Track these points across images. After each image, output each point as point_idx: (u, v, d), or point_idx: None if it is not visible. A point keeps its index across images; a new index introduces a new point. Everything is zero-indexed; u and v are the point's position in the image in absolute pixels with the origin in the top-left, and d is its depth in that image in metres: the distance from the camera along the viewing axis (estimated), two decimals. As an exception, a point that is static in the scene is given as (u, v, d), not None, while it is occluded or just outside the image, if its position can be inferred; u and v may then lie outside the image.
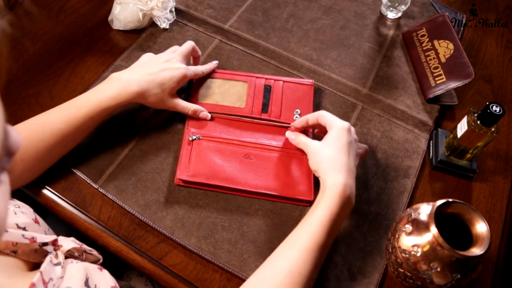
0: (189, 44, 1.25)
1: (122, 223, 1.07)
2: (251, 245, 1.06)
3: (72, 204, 1.08)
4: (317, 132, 1.19)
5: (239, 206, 1.11)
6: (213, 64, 1.31)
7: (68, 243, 0.87)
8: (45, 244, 0.82)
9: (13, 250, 0.78)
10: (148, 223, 1.06)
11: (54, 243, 0.85)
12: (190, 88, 1.28)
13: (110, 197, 1.09)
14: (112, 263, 1.04)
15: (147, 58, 1.20)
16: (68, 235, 0.93)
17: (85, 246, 0.90)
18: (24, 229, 0.82)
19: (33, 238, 0.80)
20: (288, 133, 1.18)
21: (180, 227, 1.06)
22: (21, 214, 0.86)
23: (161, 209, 1.09)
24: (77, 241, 0.90)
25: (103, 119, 1.12)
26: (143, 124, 1.21)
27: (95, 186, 1.11)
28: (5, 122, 0.42)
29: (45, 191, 1.09)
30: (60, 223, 1.13)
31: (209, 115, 1.22)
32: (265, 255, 1.03)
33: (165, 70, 1.15)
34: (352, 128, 1.10)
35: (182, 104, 1.20)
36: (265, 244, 1.06)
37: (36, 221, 0.88)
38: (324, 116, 1.12)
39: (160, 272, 1.03)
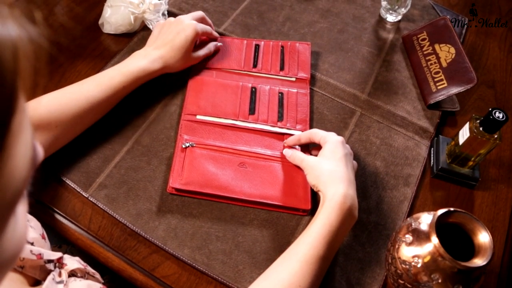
0: (199, 12, 1.37)
1: (113, 233, 1.07)
2: (246, 255, 1.07)
3: (62, 214, 1.09)
4: (313, 150, 1.20)
5: (233, 216, 1.12)
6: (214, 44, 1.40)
7: (72, 262, 0.88)
8: (50, 261, 0.83)
9: (20, 266, 0.78)
10: (140, 233, 1.07)
11: (59, 261, 0.86)
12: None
13: (101, 206, 1.10)
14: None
15: (157, 30, 1.31)
16: (58, 246, 0.93)
17: (89, 268, 0.91)
18: (32, 244, 0.83)
19: (40, 254, 0.81)
20: (285, 150, 1.19)
21: (173, 237, 1.07)
22: (30, 228, 0.87)
23: (153, 218, 1.09)
24: (82, 262, 0.91)
25: (133, 89, 1.23)
26: (134, 131, 1.22)
27: (85, 195, 1.11)
28: (33, 138, 0.44)
29: (33, 201, 1.10)
30: (50, 233, 1.14)
31: (219, 43, 1.41)
32: (260, 266, 1.04)
33: (178, 33, 1.26)
34: (347, 145, 1.13)
35: (202, 53, 1.34)
36: (261, 255, 1.07)
37: (43, 237, 0.89)
38: (317, 133, 1.14)
39: (152, 284, 1.03)
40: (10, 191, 0.41)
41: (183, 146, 1.17)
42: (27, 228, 0.49)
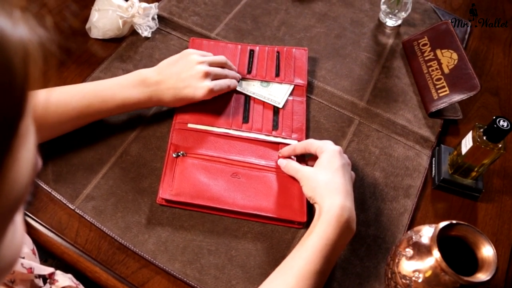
0: (221, 59, 1.32)
1: (101, 246, 1.08)
2: (240, 270, 1.07)
3: (47, 226, 1.09)
4: (309, 160, 1.21)
5: (226, 229, 1.12)
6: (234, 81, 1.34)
7: (64, 279, 0.88)
8: (41, 276, 0.83)
9: (10, 280, 0.79)
10: (129, 247, 1.07)
11: (51, 276, 0.86)
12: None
13: (88, 219, 1.10)
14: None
15: (176, 59, 1.25)
16: (44, 260, 0.94)
17: (81, 287, 0.91)
18: (23, 258, 0.83)
19: (31, 268, 0.81)
20: (280, 161, 1.20)
21: (163, 251, 1.07)
22: None
23: (143, 231, 1.09)
24: (74, 280, 0.91)
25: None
26: (123, 140, 1.23)
27: (71, 207, 1.11)
28: (36, 145, 0.46)
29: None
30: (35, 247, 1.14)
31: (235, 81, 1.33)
32: (254, 281, 1.04)
33: (189, 87, 1.21)
34: (344, 155, 1.13)
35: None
36: (255, 269, 1.07)
37: (34, 252, 0.89)
38: (313, 143, 1.15)
39: (142, 300, 1.04)
40: (12, 196, 0.42)
41: (174, 155, 1.18)
42: (24, 237, 0.50)
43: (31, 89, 0.41)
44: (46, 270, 0.85)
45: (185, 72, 1.22)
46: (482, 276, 0.91)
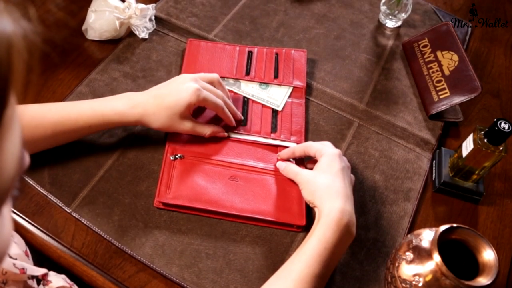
0: (213, 76, 1.24)
1: (98, 250, 1.08)
2: (238, 274, 1.07)
3: (43, 230, 1.09)
4: (308, 163, 1.21)
5: (224, 232, 1.12)
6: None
7: (58, 280, 0.88)
8: (34, 277, 0.83)
9: (2, 281, 0.79)
10: (126, 251, 1.07)
11: (44, 277, 0.86)
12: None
13: (84, 222, 1.10)
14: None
15: (169, 81, 1.19)
16: (40, 264, 0.94)
17: (75, 287, 0.91)
18: (15, 260, 0.83)
19: (23, 269, 0.81)
20: (279, 163, 1.20)
21: (160, 255, 1.07)
22: (13, 244, 0.87)
23: (140, 235, 1.09)
24: (68, 280, 0.91)
25: (102, 130, 1.20)
26: (120, 143, 1.23)
27: (67, 210, 1.11)
28: (22, 139, 0.47)
29: (13, 216, 1.10)
30: (30, 251, 1.14)
31: (227, 134, 1.25)
32: (253, 285, 1.04)
33: (172, 92, 1.15)
34: (344, 157, 1.13)
35: (197, 130, 1.20)
36: (253, 273, 1.07)
37: (27, 254, 0.89)
38: (312, 146, 1.15)
39: (139, 304, 1.04)
40: None
41: (172, 158, 1.18)
42: (12, 231, 0.50)
43: (15, 80, 0.42)
44: (39, 271, 0.85)
45: (172, 83, 1.18)
46: (483, 280, 0.91)
